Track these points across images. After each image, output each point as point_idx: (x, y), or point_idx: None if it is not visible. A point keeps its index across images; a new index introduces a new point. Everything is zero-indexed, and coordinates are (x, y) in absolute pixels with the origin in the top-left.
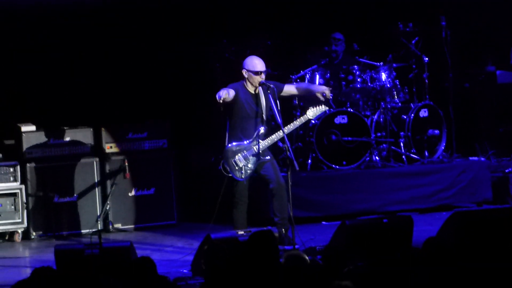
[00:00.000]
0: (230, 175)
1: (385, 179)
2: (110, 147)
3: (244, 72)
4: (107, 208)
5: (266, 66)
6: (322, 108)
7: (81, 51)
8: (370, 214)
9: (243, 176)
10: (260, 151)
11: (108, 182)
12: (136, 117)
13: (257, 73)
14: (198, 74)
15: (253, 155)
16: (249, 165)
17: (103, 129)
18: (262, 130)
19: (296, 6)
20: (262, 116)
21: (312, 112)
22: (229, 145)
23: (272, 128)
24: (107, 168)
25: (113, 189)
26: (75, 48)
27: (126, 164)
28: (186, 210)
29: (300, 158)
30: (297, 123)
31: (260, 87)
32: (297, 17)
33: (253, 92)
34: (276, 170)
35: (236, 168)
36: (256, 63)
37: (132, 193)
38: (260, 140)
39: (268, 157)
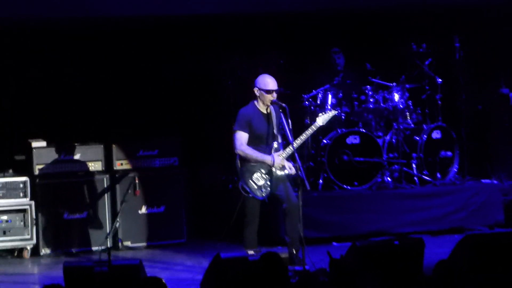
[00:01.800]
0: (251, 195)
1: (396, 201)
2: (120, 164)
3: (256, 90)
4: (117, 226)
5: (278, 85)
6: (331, 113)
7: (93, 67)
8: (381, 235)
9: (264, 195)
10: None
11: (118, 199)
12: (147, 134)
13: (269, 91)
14: (210, 91)
15: (269, 171)
16: (268, 183)
17: (114, 146)
18: (275, 145)
19: (309, 25)
20: (274, 135)
21: (321, 119)
22: (244, 166)
23: (284, 146)
24: (118, 185)
25: (123, 207)
26: (87, 64)
27: (137, 181)
28: (196, 228)
29: (311, 178)
30: (308, 132)
31: (272, 106)
32: (310, 37)
33: (264, 111)
34: (289, 190)
35: (256, 187)
36: (268, 82)
37: (142, 210)
38: (274, 154)
39: (285, 170)
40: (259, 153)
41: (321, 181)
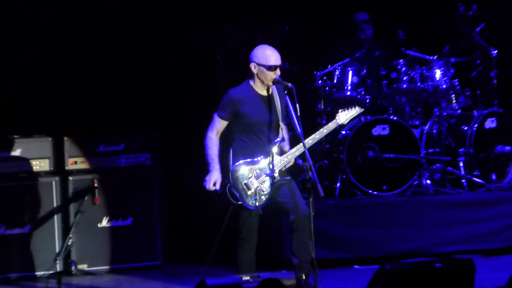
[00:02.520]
0: (240, 203)
1: (438, 210)
2: (74, 163)
3: (252, 66)
4: (69, 244)
5: (283, 59)
6: (358, 110)
7: (40, 40)
8: (417, 256)
9: (257, 204)
10: (277, 170)
11: (72, 209)
12: (110, 125)
13: (270, 68)
14: (194, 70)
15: (268, 175)
16: (265, 189)
17: (66, 139)
18: (278, 142)
19: None
20: (278, 124)
21: (344, 116)
22: (237, 163)
23: (291, 139)
24: (71, 190)
25: (77, 219)
26: (33, 37)
27: (96, 185)
28: (174, 247)
29: (326, 180)
30: (324, 131)
31: (274, 87)
32: None
33: (264, 93)
34: (297, 196)
35: (248, 193)
36: (268, 55)
37: (103, 223)
38: (277, 155)
39: (287, 178)
40: (215, 157)
41: (338, 184)
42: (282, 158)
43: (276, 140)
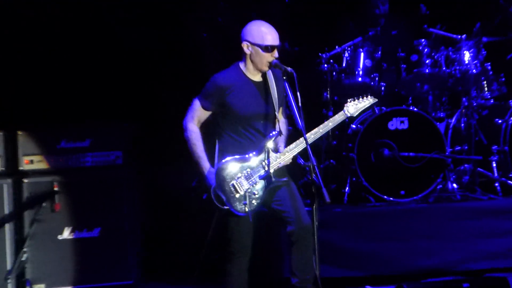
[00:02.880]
0: (226, 207)
1: (466, 220)
2: (30, 162)
3: (245, 46)
4: (24, 259)
5: (282, 39)
6: (370, 100)
7: None
8: (441, 274)
9: (247, 209)
10: (273, 169)
11: (27, 218)
12: (74, 117)
13: (266, 48)
14: (174, 50)
15: (261, 176)
16: (256, 192)
17: (19, 133)
18: (274, 135)
19: None
20: (274, 117)
21: (354, 107)
22: (224, 160)
23: (291, 134)
24: (26, 194)
25: (33, 229)
26: None
27: (56, 189)
28: (150, 264)
29: (332, 183)
30: (330, 124)
31: (270, 71)
32: None
33: (258, 79)
34: (298, 202)
35: (237, 196)
36: (265, 33)
37: (64, 235)
38: (272, 153)
39: (284, 179)
40: (202, 153)
41: (347, 188)
42: (278, 155)
43: (271, 134)
